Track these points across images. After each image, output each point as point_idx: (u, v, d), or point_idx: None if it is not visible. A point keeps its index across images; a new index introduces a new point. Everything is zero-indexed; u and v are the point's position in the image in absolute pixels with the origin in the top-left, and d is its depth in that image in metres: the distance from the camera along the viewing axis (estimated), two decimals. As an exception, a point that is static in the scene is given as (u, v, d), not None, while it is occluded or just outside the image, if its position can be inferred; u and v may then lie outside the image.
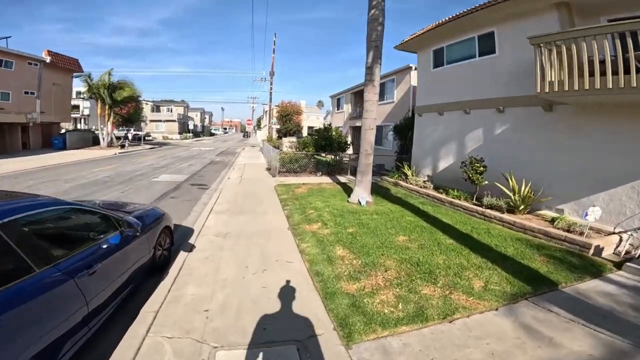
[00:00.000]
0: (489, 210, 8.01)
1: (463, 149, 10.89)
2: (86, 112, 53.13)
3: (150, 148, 30.37)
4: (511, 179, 8.17)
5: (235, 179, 13.08)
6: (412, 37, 12.61)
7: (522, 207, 7.88)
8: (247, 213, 8.01)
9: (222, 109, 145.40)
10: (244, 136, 71.87)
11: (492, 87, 9.78)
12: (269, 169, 15.34)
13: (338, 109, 27.69)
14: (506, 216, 7.62)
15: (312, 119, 58.48)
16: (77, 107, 54.54)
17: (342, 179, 13.60)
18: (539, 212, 8.03)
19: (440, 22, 11.13)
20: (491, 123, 9.82)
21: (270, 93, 34.58)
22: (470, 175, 9.03)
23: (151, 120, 55.48)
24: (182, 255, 5.31)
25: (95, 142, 30.79)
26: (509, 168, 8.66)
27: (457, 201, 9.08)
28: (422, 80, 13.09)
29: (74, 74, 29.26)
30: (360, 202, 8.74)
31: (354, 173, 14.76)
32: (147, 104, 55.87)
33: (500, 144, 9.52)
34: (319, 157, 15.79)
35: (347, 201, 9.14)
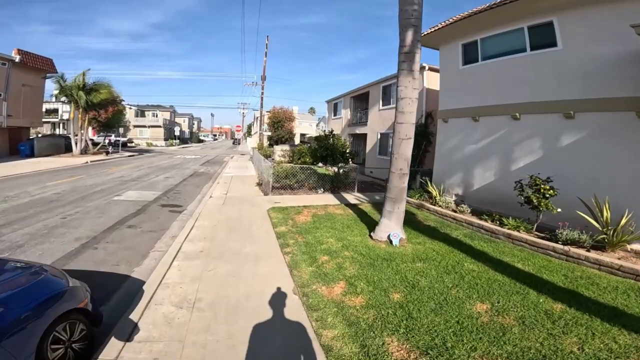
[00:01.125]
0: (574, 249, 5.64)
1: (510, 164, 8.52)
2: (65, 116, 49.81)
3: (129, 156, 27.38)
4: (606, 208, 5.79)
5: (219, 197, 10.42)
6: (434, 29, 10.29)
7: (616, 241, 5.58)
8: (230, 258, 5.39)
9: (212, 115, 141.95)
10: (233, 143, 68.94)
11: (554, 87, 7.48)
12: (260, 184, 12.71)
13: (335, 115, 25.31)
14: (605, 257, 5.32)
15: (304, 126, 56.13)
16: (55, 111, 51.23)
17: (350, 198, 11.07)
18: (630, 247, 5.76)
19: (474, 10, 8.84)
20: (555, 132, 7.47)
21: (262, 98, 32.29)
22: (535, 200, 6.63)
23: (135, 126, 52.33)
24: (111, 348, 2.75)
25: (68, 148, 27.70)
26: (584, 189, 6.37)
27: (516, 233, 6.66)
28: (447, 80, 10.75)
29: (47, 74, 26.27)
30: (390, 241, 6.20)
31: (362, 190, 12.44)
32: (130, 108, 52.74)
33: (569, 158, 7.16)
34: (318, 169, 13.29)
35: (370, 236, 6.60)
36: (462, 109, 9.87)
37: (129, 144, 45.11)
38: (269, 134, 37.81)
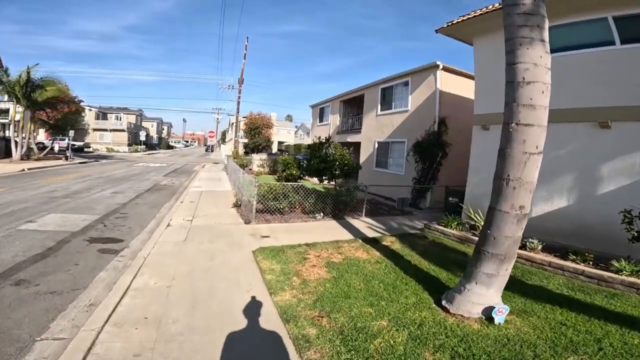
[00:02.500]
0: None
1: (595, 185, 6.09)
2: (17, 117, 43.88)
3: (81, 163, 23.18)
4: None
5: (181, 226, 7.25)
6: (470, 16, 7.89)
7: None
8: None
9: (184, 120, 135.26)
10: (206, 150, 64.39)
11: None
12: (237, 205, 9.57)
13: (321, 121, 22.58)
14: None
15: (282, 134, 53.16)
16: (7, 111, 45.18)
17: (362, 226, 8.28)
18: None
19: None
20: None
21: (238, 102, 29.29)
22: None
23: (94, 129, 47.05)
24: None
25: (8, 153, 23.19)
26: None
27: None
28: (488, 78, 8.27)
29: (-12, 70, 21.86)
30: (488, 318, 3.42)
31: (371, 214, 9.52)
32: (90, 109, 47.48)
33: None
34: (308, 184, 10.41)
35: (441, 305, 3.82)
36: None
37: (85, 149, 40.08)
38: (245, 141, 34.51)
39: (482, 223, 7.14)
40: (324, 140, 10.70)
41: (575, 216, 6.29)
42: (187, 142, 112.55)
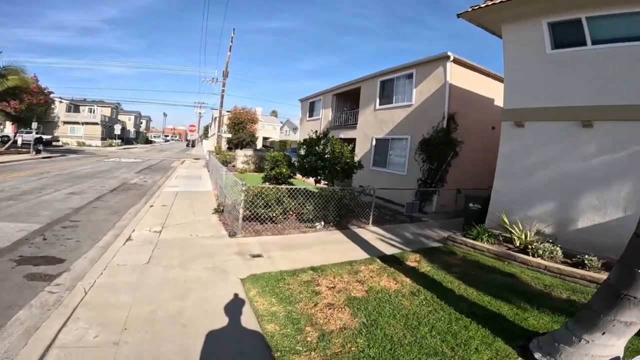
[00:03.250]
0: None
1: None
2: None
3: (44, 158, 20.71)
4: None
5: (143, 244, 5.58)
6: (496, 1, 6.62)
7: None
8: None
9: (165, 115, 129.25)
10: (187, 145, 61.41)
11: None
12: (220, 211, 7.94)
13: (311, 116, 21.03)
14: None
15: (267, 129, 51.27)
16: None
17: (374, 239, 6.89)
18: None
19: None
20: None
21: (222, 96, 27.51)
22: None
23: (65, 122, 43.64)
24: None
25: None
26: None
27: None
28: (520, 70, 6.98)
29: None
30: None
31: (378, 221, 8.11)
32: (61, 101, 44.10)
33: None
34: (297, 183, 8.92)
35: (533, 358, 2.44)
36: (557, 109, 6.16)
37: (54, 143, 37.02)
38: (229, 136, 32.51)
39: (522, 235, 5.90)
40: (321, 135, 9.20)
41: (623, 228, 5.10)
42: (167, 136, 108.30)
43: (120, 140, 47.11)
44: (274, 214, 6.73)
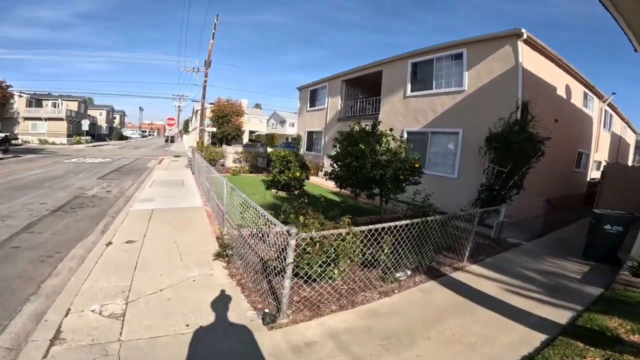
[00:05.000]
0: None
1: None
2: None
3: (-13, 158, 16.65)
4: None
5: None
6: None
7: None
8: None
9: (140, 109, 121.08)
10: (166, 141, 56.47)
11: None
12: (225, 255, 4.69)
13: (312, 106, 17.83)
14: None
15: (254, 122, 47.54)
16: None
17: (492, 290, 4.05)
18: None
19: None
20: None
21: (204, 87, 24.12)
22: None
23: (26, 118, 38.33)
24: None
25: None
26: None
27: None
28: None
29: None
30: None
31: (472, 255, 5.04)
32: (21, 96, 38.78)
33: None
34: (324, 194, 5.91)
35: None
36: None
37: (12, 141, 32.10)
38: (213, 130, 28.82)
39: None
40: (369, 128, 6.13)
41: None
42: (144, 132, 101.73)
43: (89, 137, 42.10)
44: (339, 271, 3.67)
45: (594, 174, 14.74)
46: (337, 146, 6.58)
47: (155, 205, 7.67)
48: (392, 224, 3.71)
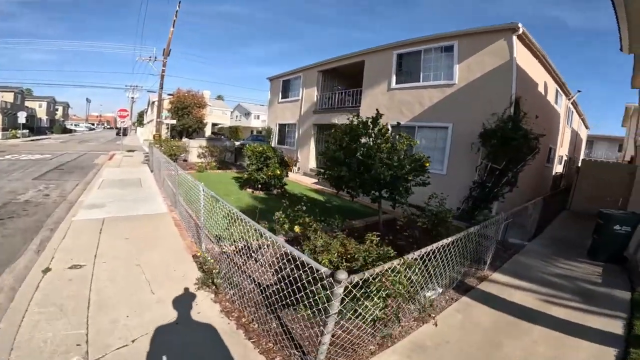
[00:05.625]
0: None
1: None
2: None
3: None
4: None
5: None
6: None
7: None
8: None
9: (88, 100, 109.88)
10: (117, 134, 51.56)
11: None
12: (209, 282, 3.58)
13: (284, 97, 16.68)
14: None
15: (217, 115, 45.01)
16: None
17: (533, 303, 3.54)
18: None
19: None
20: None
21: (162, 76, 22.07)
22: None
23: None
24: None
25: None
26: None
27: None
28: None
29: None
30: None
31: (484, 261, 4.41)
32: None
33: None
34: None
35: None
36: None
37: None
38: (172, 122, 26.51)
39: None
40: (368, 121, 5.30)
41: None
42: (92, 124, 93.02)
43: (27, 131, 37.12)
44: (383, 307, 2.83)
45: (558, 168, 15.32)
46: (334, 143, 5.67)
47: (106, 212, 6.27)
48: (440, 244, 2.94)
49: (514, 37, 7.75)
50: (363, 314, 2.37)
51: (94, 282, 3.60)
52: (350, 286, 2.03)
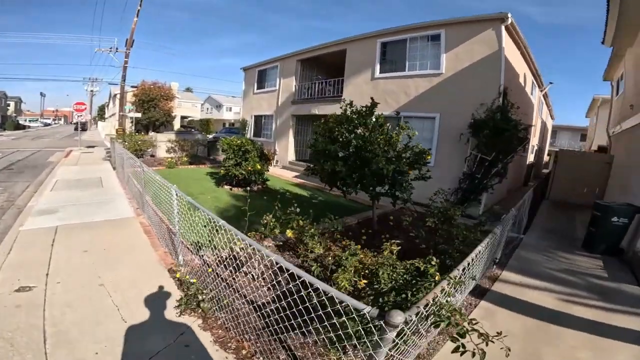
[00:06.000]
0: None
1: None
2: None
3: None
4: None
5: None
6: None
7: None
8: None
9: (42, 95, 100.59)
10: (76, 129, 47.69)
11: None
12: (190, 300, 2.96)
13: (260, 88, 15.82)
14: None
15: (186, 107, 42.87)
16: None
17: (553, 303, 3.26)
18: None
19: None
20: None
21: (125, 68, 20.59)
22: None
23: None
24: None
25: None
26: None
27: None
28: None
29: None
30: None
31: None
32: None
33: None
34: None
35: None
36: None
37: None
38: (137, 115, 24.73)
39: None
40: (363, 111, 4.80)
41: None
42: (48, 120, 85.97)
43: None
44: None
45: (530, 157, 15.71)
46: (323, 134, 5.11)
47: (61, 219, 5.37)
48: (476, 252, 2.52)
49: (502, 27, 7.57)
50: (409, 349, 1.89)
51: (48, 308, 2.89)
52: (406, 328, 1.53)
